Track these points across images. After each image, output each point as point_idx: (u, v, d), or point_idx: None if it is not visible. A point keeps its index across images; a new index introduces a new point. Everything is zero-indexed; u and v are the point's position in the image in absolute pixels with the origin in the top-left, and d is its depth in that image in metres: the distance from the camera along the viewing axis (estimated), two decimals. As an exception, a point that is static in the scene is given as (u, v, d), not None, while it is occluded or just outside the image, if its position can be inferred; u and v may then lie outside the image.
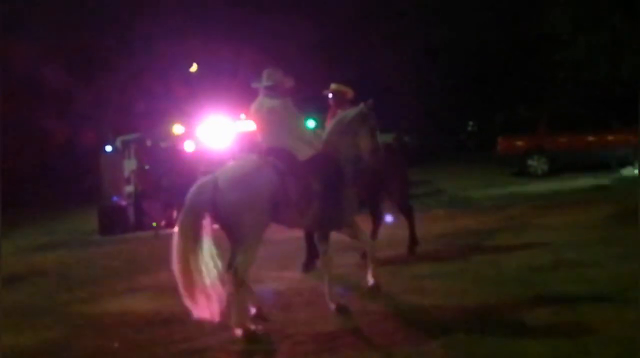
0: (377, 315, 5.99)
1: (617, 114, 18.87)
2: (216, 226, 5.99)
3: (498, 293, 6.42)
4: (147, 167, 17.13)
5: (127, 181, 17.36)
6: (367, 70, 27.99)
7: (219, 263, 5.89)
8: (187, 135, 17.29)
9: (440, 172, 23.26)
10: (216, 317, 5.68)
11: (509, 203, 13.33)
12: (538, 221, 10.38)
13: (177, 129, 16.96)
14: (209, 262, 5.87)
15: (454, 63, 30.33)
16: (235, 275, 5.77)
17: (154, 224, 15.81)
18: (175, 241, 5.89)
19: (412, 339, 5.20)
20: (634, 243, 8.33)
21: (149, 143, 17.59)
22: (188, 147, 17.21)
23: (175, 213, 16.25)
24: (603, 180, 11.76)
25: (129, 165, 17.45)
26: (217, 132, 17.20)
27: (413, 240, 8.94)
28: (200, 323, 6.12)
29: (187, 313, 6.61)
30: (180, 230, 5.90)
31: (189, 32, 27.02)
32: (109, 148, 18.17)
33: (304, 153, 6.31)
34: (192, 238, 5.87)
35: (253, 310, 6.22)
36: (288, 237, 9.12)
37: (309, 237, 8.16)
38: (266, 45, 27.15)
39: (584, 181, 14.44)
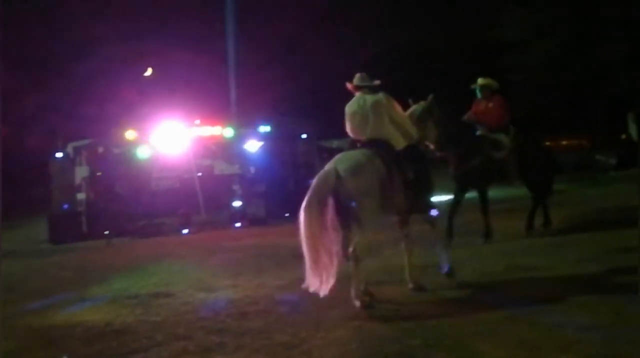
0: (332, 323, 5.93)
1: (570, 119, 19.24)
2: None
3: (453, 299, 6.44)
4: (99, 173, 16.85)
5: (79, 188, 17.05)
6: (324, 75, 28.08)
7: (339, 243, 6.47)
8: (141, 140, 17.05)
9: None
10: (326, 291, 6.26)
11: (465, 208, 13.41)
12: (494, 226, 10.44)
13: (130, 134, 16.72)
14: (333, 241, 6.42)
15: (408, 67, 30.58)
16: (355, 254, 6.41)
17: (107, 232, 15.55)
18: (304, 222, 6.37)
19: (368, 347, 5.15)
20: (589, 246, 8.50)
21: (101, 149, 17.30)
22: (142, 153, 16.98)
23: (127, 221, 16.07)
24: (559, 185, 11.95)
25: (81, 172, 17.16)
26: (172, 138, 17.00)
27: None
28: (153, 334, 6.01)
29: (139, 323, 6.51)
30: (308, 212, 6.38)
31: (143, 37, 26.73)
32: (59, 154, 17.80)
33: (400, 143, 7.11)
34: (319, 220, 6.36)
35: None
36: (242, 245, 9.03)
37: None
38: (222, 49, 27.04)
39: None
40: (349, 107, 7.28)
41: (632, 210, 11.87)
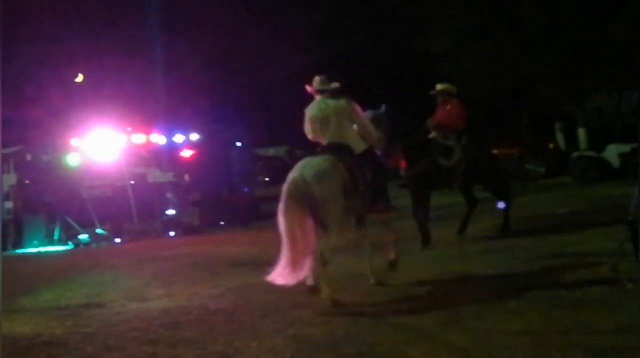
0: (266, 332, 5.93)
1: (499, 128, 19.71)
2: None
3: (386, 305, 6.52)
4: (27, 181, 16.45)
5: (6, 196, 16.58)
6: (257, 82, 28.04)
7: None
8: (72, 147, 16.74)
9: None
10: (292, 283, 6.70)
11: (399, 215, 13.59)
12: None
13: (73, 141, 16.45)
14: (311, 243, 6.78)
15: (342, 76, 30.81)
16: (322, 256, 6.66)
17: (35, 241, 15.18)
18: (286, 226, 6.63)
19: (303, 355, 5.17)
20: (519, 253, 8.73)
21: (29, 156, 16.87)
22: (72, 160, 16.65)
23: (57, 229, 15.72)
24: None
25: (8, 180, 16.67)
26: (103, 145, 16.73)
27: None
28: (83, 346, 5.89)
29: (69, 334, 6.37)
30: (289, 217, 6.64)
31: (73, 40, 26.11)
32: (-16, 161, 17.27)
33: (360, 147, 7.39)
34: (300, 223, 6.67)
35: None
36: (176, 254, 8.94)
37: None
38: (155, 55, 26.70)
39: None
40: (310, 111, 7.45)
41: (561, 217, 12.37)
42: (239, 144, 19.87)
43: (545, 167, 24.22)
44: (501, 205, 10.62)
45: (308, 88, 7.60)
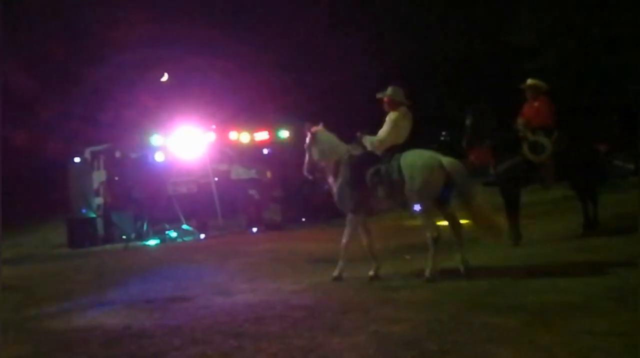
0: (348, 328, 5.93)
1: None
2: None
3: (471, 304, 6.41)
4: (116, 178, 16.96)
5: (96, 193, 17.16)
6: (338, 80, 28.04)
7: None
8: (157, 146, 17.16)
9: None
10: None
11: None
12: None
13: (154, 139, 16.87)
14: None
15: (425, 73, 30.48)
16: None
17: (124, 236, 15.64)
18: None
19: (384, 351, 5.15)
20: (609, 252, 8.42)
21: (118, 154, 17.40)
22: (158, 157, 17.08)
23: (144, 224, 16.17)
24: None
25: (98, 177, 17.25)
26: (188, 143, 17.09)
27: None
28: (170, 338, 6.04)
29: (156, 327, 6.55)
30: None
31: (159, 42, 26.82)
32: (77, 159, 17.93)
33: None
34: None
35: None
36: (258, 250, 9.05)
37: None
38: (237, 54, 27.08)
39: (557, 191, 14.51)
40: (402, 120, 8.33)
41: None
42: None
43: (634, 164, 23.30)
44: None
45: (385, 97, 8.41)
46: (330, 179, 8.65)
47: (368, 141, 8.37)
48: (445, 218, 8.16)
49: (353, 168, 8.28)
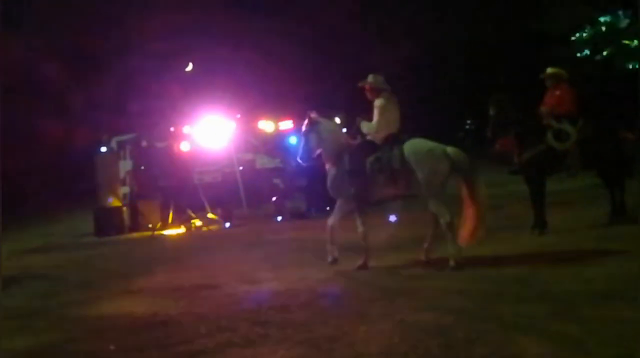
0: (374, 316, 5.94)
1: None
2: None
3: (497, 293, 6.39)
4: (142, 167, 17.07)
5: (123, 182, 17.29)
6: (363, 68, 27.95)
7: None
8: (182, 135, 17.24)
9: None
10: None
11: (508, 202, 13.29)
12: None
13: (178, 129, 16.98)
14: None
15: (452, 60, 30.29)
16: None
17: (150, 225, 15.77)
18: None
19: (410, 340, 5.15)
20: (635, 240, 8.33)
21: (144, 143, 17.53)
22: (184, 147, 17.16)
23: (170, 213, 16.29)
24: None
25: (125, 166, 17.38)
26: (213, 132, 17.15)
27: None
28: (197, 326, 6.10)
29: (183, 314, 6.61)
30: None
31: (184, 31, 26.94)
32: (104, 149, 18.09)
33: None
34: None
35: None
36: (283, 239, 9.10)
37: None
38: (261, 43, 27.10)
39: (585, 180, 14.35)
40: (389, 105, 8.46)
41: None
42: (344, 130, 19.88)
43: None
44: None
45: (366, 85, 8.62)
46: (328, 166, 8.80)
47: (365, 127, 8.55)
48: None
49: (353, 157, 8.41)
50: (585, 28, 24.29)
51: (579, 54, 24.39)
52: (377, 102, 8.45)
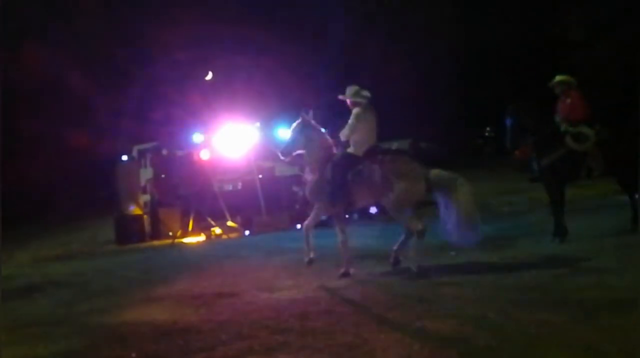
0: (394, 324, 5.93)
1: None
2: None
3: (517, 300, 6.36)
4: (163, 176, 17.18)
5: (144, 190, 17.42)
6: (382, 78, 27.96)
7: None
8: (203, 143, 17.34)
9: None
10: None
11: (528, 209, 13.22)
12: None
13: (197, 137, 17.06)
14: None
15: (470, 68, 30.20)
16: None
17: (171, 233, 15.85)
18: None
19: (430, 348, 5.14)
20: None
21: (164, 152, 17.65)
22: (204, 155, 17.25)
23: (191, 222, 16.37)
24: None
25: (145, 174, 17.52)
26: (233, 140, 17.22)
27: None
28: (217, 333, 6.12)
29: (204, 322, 6.64)
30: None
31: (205, 41, 27.13)
32: (125, 157, 18.24)
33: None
34: None
35: None
36: (303, 247, 9.09)
37: None
38: (281, 53, 27.21)
39: (604, 186, 14.26)
40: (367, 116, 8.67)
41: None
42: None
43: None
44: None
45: (344, 97, 8.87)
46: (307, 170, 9.14)
47: (342, 134, 8.75)
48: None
49: (335, 167, 8.62)
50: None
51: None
52: (354, 111, 8.71)
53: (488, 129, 35.89)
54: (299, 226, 16.48)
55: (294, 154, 9.21)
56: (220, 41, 27.25)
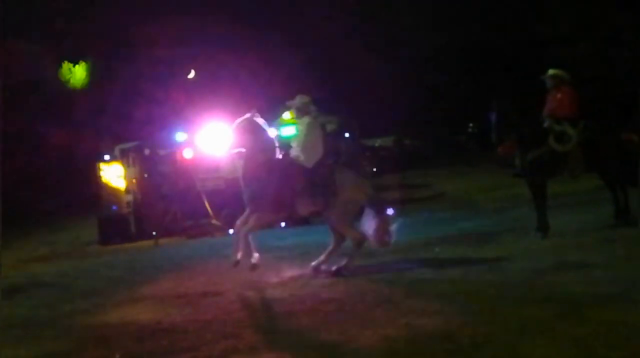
0: (379, 321, 5.93)
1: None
2: None
3: (502, 296, 6.38)
4: (146, 175, 17.07)
5: (127, 190, 17.29)
6: (366, 75, 27.99)
7: None
8: (186, 142, 17.24)
9: (442, 174, 23.19)
10: None
11: (513, 205, 13.28)
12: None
13: (180, 136, 16.97)
14: None
15: (452, 65, 30.31)
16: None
17: (154, 233, 15.76)
18: None
19: (416, 345, 5.14)
20: (639, 243, 8.31)
21: (147, 151, 17.52)
22: (187, 154, 17.15)
23: (174, 221, 16.28)
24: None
25: (128, 174, 17.38)
26: (216, 139, 17.13)
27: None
28: (202, 333, 6.09)
29: (188, 321, 6.60)
30: None
31: (188, 39, 27.01)
32: (107, 156, 18.10)
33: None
34: None
35: None
36: (287, 245, 9.11)
37: None
38: (265, 52, 27.17)
39: (587, 182, 14.32)
40: (316, 128, 8.86)
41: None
42: (347, 134, 19.84)
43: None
44: None
45: (294, 104, 9.00)
46: (245, 171, 9.06)
47: (294, 150, 8.78)
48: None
49: (282, 172, 8.59)
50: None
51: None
52: (304, 120, 8.77)
53: (471, 125, 36.02)
54: (282, 224, 16.49)
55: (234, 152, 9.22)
56: (204, 39, 27.13)
